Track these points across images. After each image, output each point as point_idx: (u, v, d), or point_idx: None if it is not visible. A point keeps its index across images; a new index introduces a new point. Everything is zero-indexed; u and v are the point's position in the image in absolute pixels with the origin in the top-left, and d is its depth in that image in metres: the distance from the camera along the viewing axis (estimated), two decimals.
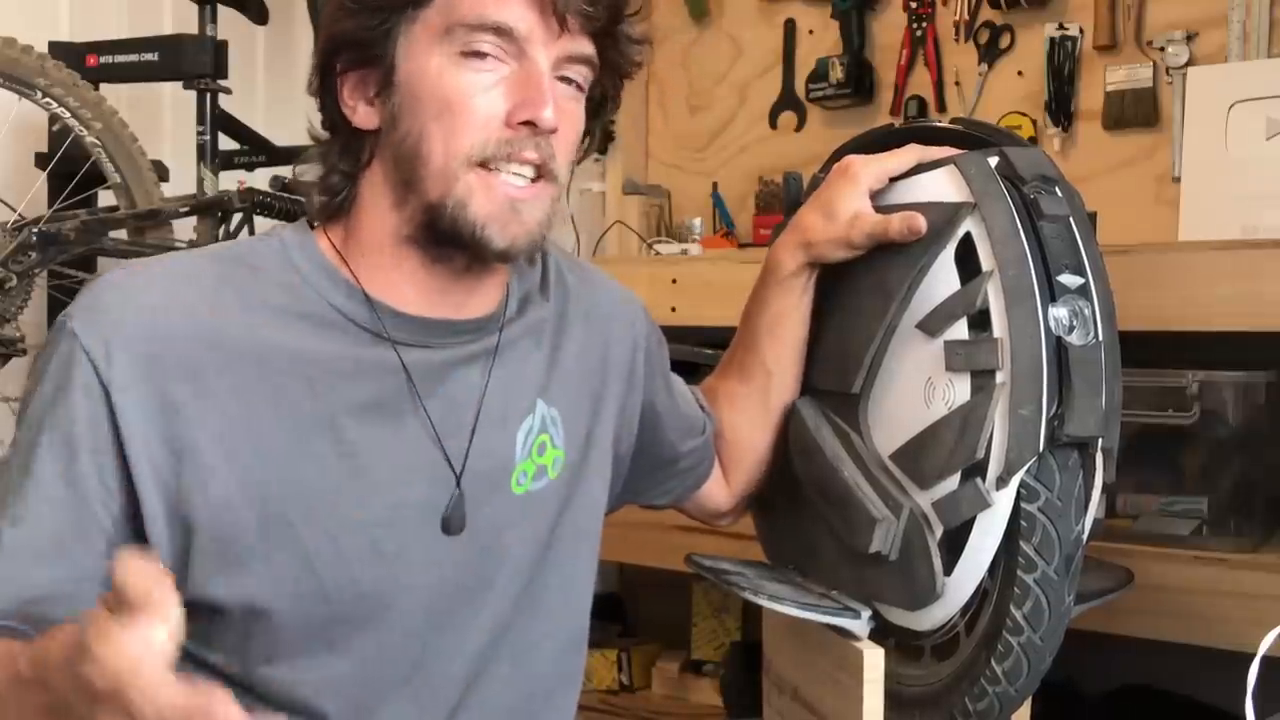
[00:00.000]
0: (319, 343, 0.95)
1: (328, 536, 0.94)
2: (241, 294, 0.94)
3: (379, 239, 0.98)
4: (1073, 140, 2.03)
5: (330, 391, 0.94)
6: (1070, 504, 1.02)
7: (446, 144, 0.94)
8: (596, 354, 1.14)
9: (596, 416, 1.12)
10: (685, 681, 2.12)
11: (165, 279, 0.94)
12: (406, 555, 0.97)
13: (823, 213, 1.18)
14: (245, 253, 0.98)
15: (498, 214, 0.95)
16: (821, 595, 1.18)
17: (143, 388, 0.89)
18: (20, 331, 1.73)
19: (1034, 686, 1.05)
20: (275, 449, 0.92)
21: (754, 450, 1.27)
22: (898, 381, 1.12)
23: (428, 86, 0.94)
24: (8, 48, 1.73)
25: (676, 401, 1.24)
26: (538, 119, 0.93)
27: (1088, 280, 1.04)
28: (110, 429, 0.88)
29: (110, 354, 0.88)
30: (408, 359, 0.98)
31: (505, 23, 0.93)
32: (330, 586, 0.94)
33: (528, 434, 1.05)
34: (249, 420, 0.91)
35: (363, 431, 0.95)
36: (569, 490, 1.09)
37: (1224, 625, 1.30)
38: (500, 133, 0.94)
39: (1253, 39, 1.83)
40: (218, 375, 0.91)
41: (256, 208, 1.98)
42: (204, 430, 0.90)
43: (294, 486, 0.93)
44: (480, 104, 0.94)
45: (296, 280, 0.97)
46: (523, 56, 0.94)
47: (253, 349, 0.92)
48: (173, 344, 0.90)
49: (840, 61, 2.22)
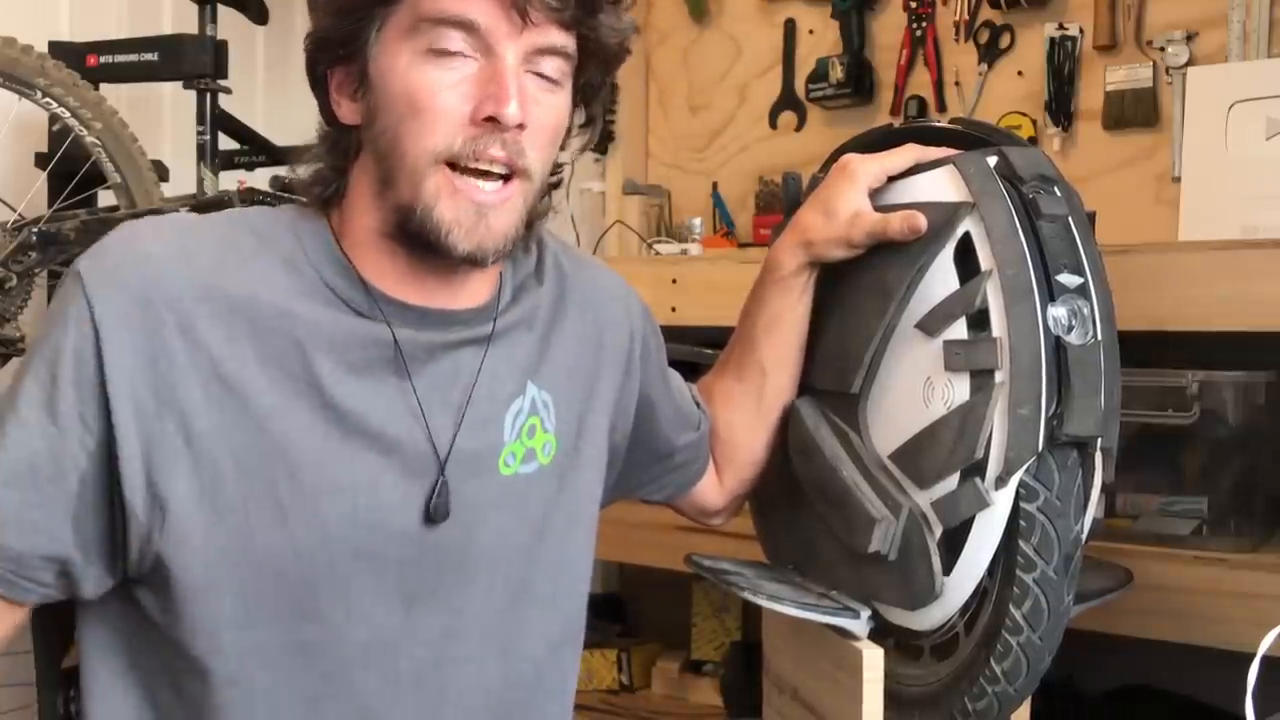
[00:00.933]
0: (315, 309, 0.96)
1: (306, 496, 0.94)
2: (244, 258, 0.95)
3: (366, 232, 0.99)
4: (1073, 140, 2.03)
5: (320, 354, 0.95)
6: (1069, 503, 1.02)
7: (415, 142, 0.94)
8: (592, 340, 1.14)
9: (590, 403, 1.12)
10: (685, 681, 2.12)
11: (173, 232, 0.95)
12: (386, 526, 0.97)
13: (822, 212, 1.18)
14: (257, 223, 0.99)
15: (463, 219, 0.94)
16: (821, 595, 1.18)
17: (134, 329, 0.90)
18: (20, 331, 1.73)
19: (1033, 686, 1.05)
20: (261, 404, 0.92)
21: (748, 449, 1.27)
22: (897, 381, 1.12)
23: (396, 84, 0.94)
24: (8, 48, 1.73)
25: (672, 395, 1.24)
26: (500, 115, 0.92)
27: (1087, 280, 1.04)
28: (95, 365, 0.89)
29: (107, 294, 0.90)
30: (400, 336, 0.98)
31: (467, 16, 0.92)
32: (303, 545, 0.94)
33: (516, 415, 1.05)
34: (238, 373, 0.92)
35: (349, 396, 0.96)
36: (561, 476, 1.08)
37: (1224, 625, 1.30)
38: (466, 130, 0.93)
39: (1253, 39, 1.82)
40: (210, 326, 0.92)
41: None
42: (192, 377, 0.91)
43: (277, 443, 0.93)
44: (445, 101, 0.93)
45: (301, 258, 0.97)
46: (489, 52, 0.94)
47: (247, 306, 0.93)
48: (168, 291, 0.91)
49: (840, 61, 2.22)
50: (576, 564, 1.12)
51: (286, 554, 0.93)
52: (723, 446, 1.28)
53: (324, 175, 1.01)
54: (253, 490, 0.92)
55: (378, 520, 0.96)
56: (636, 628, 2.34)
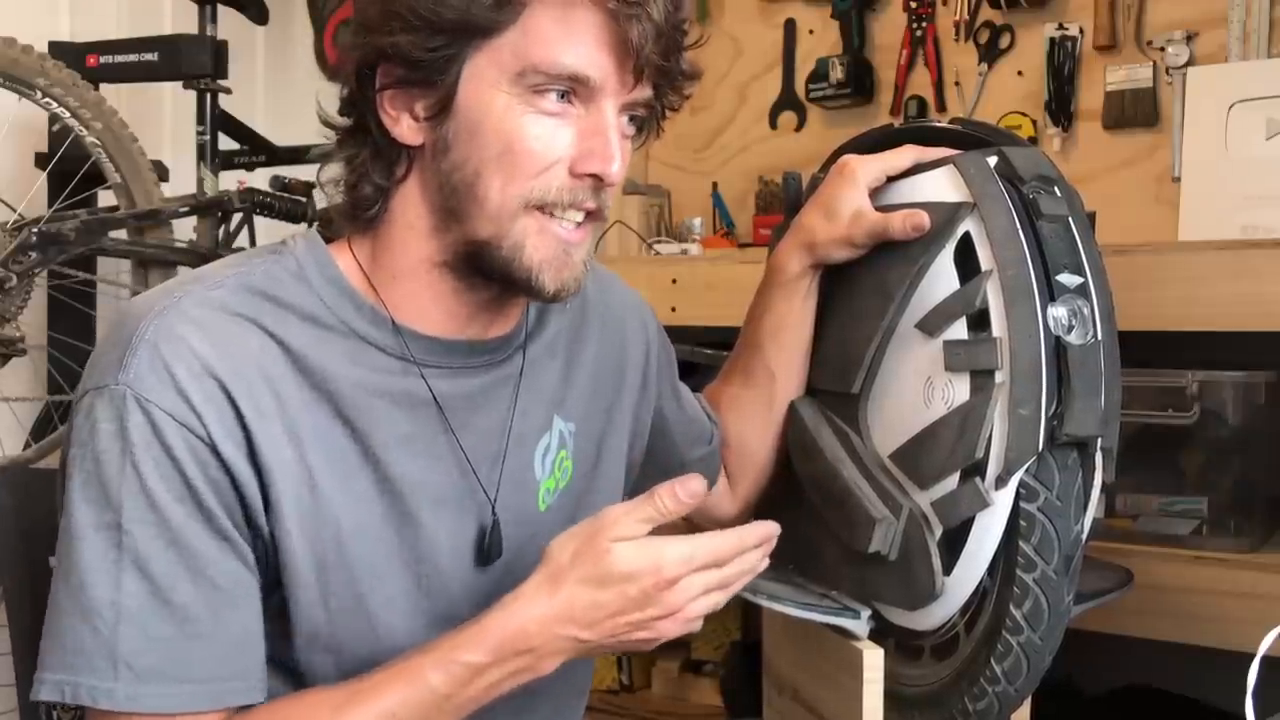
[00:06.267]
0: (352, 376, 0.93)
1: (375, 576, 0.94)
2: (271, 330, 0.91)
3: (411, 261, 0.96)
4: (1073, 140, 2.03)
5: (368, 428, 0.93)
6: (1070, 503, 1.02)
7: (505, 185, 0.91)
8: (612, 360, 1.13)
9: (610, 424, 1.12)
10: (685, 681, 2.13)
11: (206, 323, 0.89)
12: (449, 590, 0.97)
13: (823, 213, 1.18)
14: (264, 282, 0.93)
15: (552, 259, 0.93)
16: (821, 595, 1.18)
17: (234, 432, 0.87)
18: (20, 331, 1.73)
19: (1033, 686, 1.05)
20: (326, 487, 0.91)
21: (759, 456, 1.27)
22: (897, 381, 1.12)
23: (491, 123, 0.91)
24: (8, 48, 1.73)
25: (684, 408, 1.23)
26: (605, 174, 0.92)
27: (1087, 280, 1.03)
28: (227, 481, 0.87)
29: (198, 410, 0.86)
30: (438, 388, 0.97)
31: (583, 73, 0.90)
32: (381, 626, 0.94)
33: (545, 452, 1.05)
34: (301, 458, 0.90)
35: (401, 466, 0.95)
36: (577, 499, 1.08)
37: (1224, 625, 1.30)
38: (563, 180, 0.92)
39: (1253, 39, 1.83)
40: (274, 413, 0.90)
41: (256, 208, 1.98)
42: (277, 469, 0.89)
43: (348, 525, 0.92)
44: (545, 150, 0.91)
45: (321, 309, 0.94)
46: (591, 103, 0.92)
47: (295, 387, 0.91)
48: (238, 387, 0.88)
49: (840, 61, 2.22)
50: None
51: (364, 636, 0.94)
52: (734, 454, 1.28)
53: (365, 195, 0.95)
54: (330, 573, 0.92)
55: (441, 586, 0.97)
56: None
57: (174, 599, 0.86)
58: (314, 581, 0.91)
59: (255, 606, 0.90)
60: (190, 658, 0.86)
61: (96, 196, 1.94)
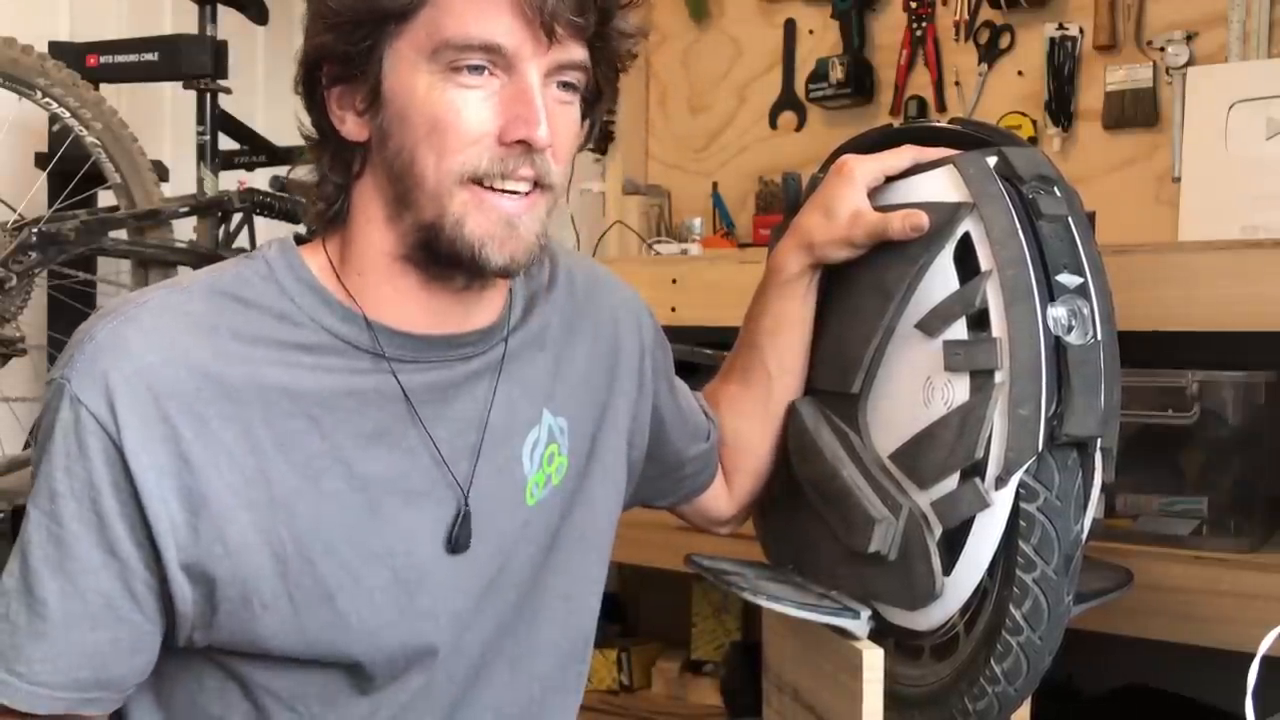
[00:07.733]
0: (319, 377, 0.93)
1: (348, 572, 0.93)
2: (237, 333, 0.92)
3: (374, 255, 0.96)
4: (1073, 140, 2.03)
5: (336, 427, 0.93)
6: (1069, 504, 1.02)
7: (439, 162, 0.92)
8: (605, 357, 1.13)
9: (604, 420, 1.12)
10: (685, 681, 2.12)
11: (158, 331, 0.90)
12: (427, 582, 0.97)
13: (822, 213, 1.18)
14: (233, 284, 0.94)
15: (494, 231, 0.93)
16: (821, 595, 1.18)
17: (154, 446, 0.87)
18: (20, 331, 1.73)
19: (1033, 686, 1.05)
20: (288, 491, 0.91)
21: (756, 455, 1.27)
22: (897, 382, 1.12)
23: (417, 105, 0.91)
24: (8, 48, 1.73)
25: (680, 405, 1.23)
26: (531, 138, 0.91)
27: (1086, 280, 1.04)
28: (130, 491, 0.87)
29: (119, 417, 0.87)
30: (409, 383, 0.96)
31: (493, 40, 0.90)
32: (354, 620, 0.94)
33: (534, 446, 1.04)
34: (259, 465, 0.90)
35: (371, 463, 0.95)
36: (571, 496, 1.08)
37: (1224, 625, 1.30)
38: (493, 150, 0.92)
39: (1253, 39, 1.83)
40: (223, 424, 0.89)
41: (256, 208, 1.98)
42: (216, 480, 0.89)
43: (311, 525, 0.92)
44: (471, 122, 0.91)
45: (290, 307, 0.94)
46: (512, 70, 0.92)
47: (256, 394, 0.91)
48: (178, 399, 0.88)
49: (840, 61, 2.22)
50: (587, 581, 1.11)
51: (336, 629, 0.94)
52: (731, 453, 1.28)
53: (328, 193, 0.98)
54: (294, 577, 0.92)
55: (419, 579, 0.97)
56: (636, 628, 2.34)
57: (35, 590, 0.88)
58: (280, 585, 0.91)
59: (117, 634, 0.89)
60: (31, 654, 0.88)
61: (96, 196, 1.94)
